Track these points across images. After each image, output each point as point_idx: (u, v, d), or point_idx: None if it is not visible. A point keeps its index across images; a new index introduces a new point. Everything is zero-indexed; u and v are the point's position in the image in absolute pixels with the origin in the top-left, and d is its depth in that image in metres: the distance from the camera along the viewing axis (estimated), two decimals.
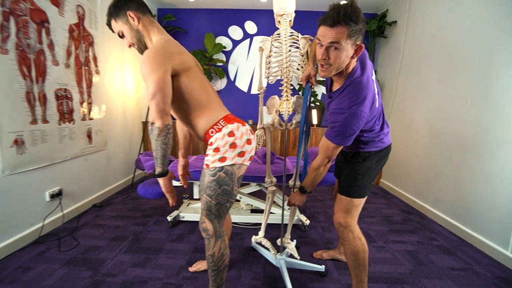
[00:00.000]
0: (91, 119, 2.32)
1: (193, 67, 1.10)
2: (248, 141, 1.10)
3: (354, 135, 1.06)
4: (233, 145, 1.05)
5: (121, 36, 1.11)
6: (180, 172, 1.38)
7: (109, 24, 1.11)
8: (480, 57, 1.90)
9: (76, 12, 2.10)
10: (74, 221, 2.09)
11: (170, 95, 0.97)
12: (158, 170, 1.02)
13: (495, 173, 1.74)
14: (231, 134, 1.06)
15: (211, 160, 1.05)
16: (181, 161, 1.38)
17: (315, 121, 3.30)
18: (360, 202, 1.21)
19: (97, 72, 2.40)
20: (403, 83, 2.90)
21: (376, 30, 3.23)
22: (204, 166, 1.08)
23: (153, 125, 0.96)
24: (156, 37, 1.08)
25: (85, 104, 2.24)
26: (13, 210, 1.66)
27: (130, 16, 1.06)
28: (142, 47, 1.11)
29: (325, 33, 0.96)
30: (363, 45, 1.00)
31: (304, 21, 3.09)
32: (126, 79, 2.94)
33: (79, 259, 1.60)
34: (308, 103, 1.33)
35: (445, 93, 2.23)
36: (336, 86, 1.14)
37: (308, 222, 2.03)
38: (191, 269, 1.52)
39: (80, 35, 2.15)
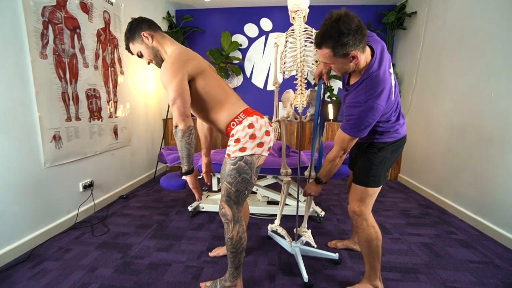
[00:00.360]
0: (116, 116, 2.50)
1: (207, 69, 1.19)
2: (267, 133, 1.17)
3: (369, 127, 1.10)
4: (252, 136, 1.13)
5: (140, 56, 1.23)
6: (204, 169, 1.49)
7: (128, 48, 1.24)
8: (503, 47, 1.83)
9: (103, 18, 2.26)
10: (104, 210, 2.27)
11: (189, 99, 1.07)
12: (184, 168, 1.14)
13: None
14: (250, 126, 1.14)
15: (232, 150, 1.14)
16: (204, 160, 1.48)
17: (331, 115, 3.30)
18: (375, 192, 1.25)
19: (122, 73, 2.57)
20: (423, 75, 2.82)
21: (394, 22, 3.16)
22: (226, 156, 1.17)
23: (176, 128, 1.07)
24: (170, 48, 1.18)
25: (111, 102, 2.41)
26: (53, 198, 1.85)
27: (144, 36, 1.17)
28: (159, 61, 1.22)
29: (319, 53, 1.06)
30: (357, 55, 1.00)
31: (318, 16, 3.10)
32: (148, 79, 3.11)
33: (110, 243, 1.76)
34: (321, 98, 1.37)
35: (467, 85, 2.16)
36: (353, 80, 1.17)
37: (323, 213, 2.07)
38: (211, 254, 1.62)
39: (106, 38, 2.32)
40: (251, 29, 3.60)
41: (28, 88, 1.64)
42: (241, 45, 3.58)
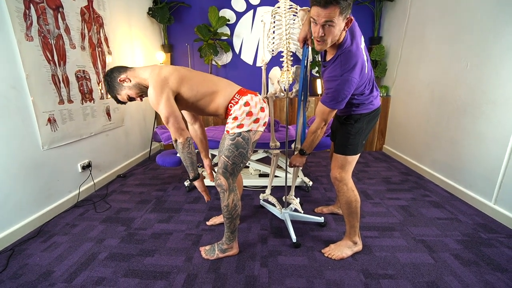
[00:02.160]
0: (108, 98, 2.51)
1: (185, 73, 1.26)
2: (262, 109, 1.28)
3: (346, 99, 1.20)
4: (249, 114, 1.24)
5: (131, 99, 1.28)
6: (207, 171, 1.60)
7: (117, 100, 1.29)
8: (481, 20, 1.91)
9: None
10: (104, 189, 2.38)
11: (179, 114, 1.20)
12: (191, 175, 1.30)
13: (488, 134, 1.84)
14: (246, 104, 1.24)
15: (230, 127, 1.25)
16: (205, 162, 1.60)
17: (319, 90, 3.38)
18: (353, 159, 1.38)
19: (110, 53, 2.54)
20: (408, 48, 2.89)
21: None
22: (225, 132, 1.28)
23: (176, 142, 1.21)
24: (146, 74, 1.23)
25: (101, 84, 2.42)
26: (54, 179, 1.94)
27: (121, 81, 1.23)
28: (146, 91, 1.27)
29: (318, 13, 1.06)
30: (352, 17, 1.09)
31: None
32: (135, 58, 3.07)
33: (113, 218, 1.89)
34: (306, 63, 1.42)
35: (447, 57, 2.26)
36: (329, 56, 1.25)
37: (311, 183, 2.24)
38: (208, 223, 1.78)
39: (91, 17, 2.26)
40: (238, 3, 3.51)
41: (18, 71, 1.65)
42: (229, 21, 3.51)
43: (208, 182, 2.34)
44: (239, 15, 3.55)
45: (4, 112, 1.57)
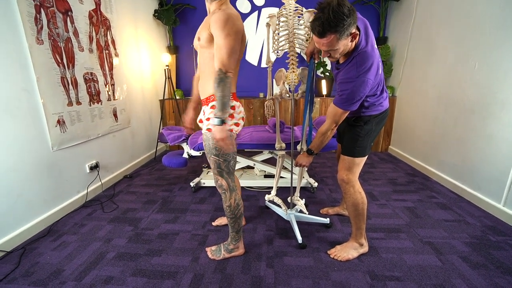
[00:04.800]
0: (115, 99, 2.55)
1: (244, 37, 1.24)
2: (242, 119, 1.31)
3: (360, 100, 1.19)
4: (231, 116, 1.24)
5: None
6: (190, 125, 1.54)
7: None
8: (489, 19, 1.88)
9: None
10: (111, 189, 2.41)
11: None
12: (223, 116, 1.11)
13: (497, 135, 1.82)
14: (233, 108, 1.25)
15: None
16: (192, 114, 1.52)
17: (324, 91, 3.38)
18: (361, 161, 1.37)
19: (116, 55, 2.58)
20: (414, 48, 2.87)
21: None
22: (206, 131, 1.24)
23: (227, 74, 1.10)
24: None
25: (108, 85, 2.45)
26: (63, 180, 1.97)
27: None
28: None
29: (318, 41, 1.08)
30: (357, 32, 1.09)
31: None
32: (142, 60, 3.11)
33: (121, 218, 1.92)
34: (312, 75, 1.45)
35: (454, 57, 2.23)
36: (342, 59, 1.24)
37: (316, 184, 2.24)
38: (214, 223, 1.79)
39: (98, 20, 2.30)
40: (243, 4, 3.52)
41: (29, 74, 1.68)
42: None
43: (211, 182, 2.36)
44: (244, 16, 3.56)
45: (15, 114, 1.61)
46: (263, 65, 3.71)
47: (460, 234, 1.61)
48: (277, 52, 1.59)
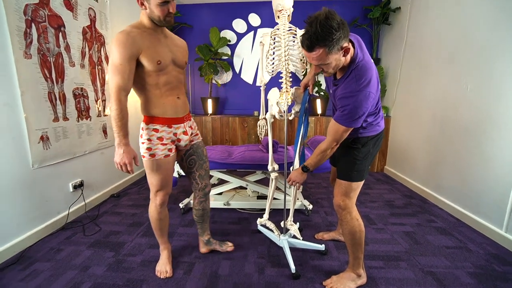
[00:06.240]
0: (105, 115, 2.48)
1: None
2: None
3: (363, 116, 1.12)
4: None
5: None
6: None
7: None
8: (480, 42, 1.91)
9: (88, 15, 2.22)
10: (95, 210, 2.28)
11: None
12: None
13: (494, 157, 1.79)
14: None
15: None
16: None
17: (319, 110, 3.37)
18: (358, 185, 1.30)
19: None
20: (407, 70, 2.91)
21: (380, 17, 3.22)
22: (201, 139, 1.49)
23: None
24: None
25: (99, 101, 2.40)
26: (43, 200, 1.85)
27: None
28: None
29: (308, 56, 1.05)
30: (350, 46, 1.06)
31: (302, 12, 3.19)
32: None
33: (102, 242, 1.78)
34: (306, 106, 1.43)
35: (447, 79, 2.25)
36: (339, 74, 1.19)
37: (311, 206, 2.15)
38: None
39: (92, 36, 2.28)
40: (239, 24, 3.59)
41: (13, 89, 1.62)
42: (229, 41, 3.58)
43: None
44: (240, 36, 3.62)
45: None
46: (258, 83, 3.72)
47: (463, 263, 1.52)
48: (271, 71, 1.57)
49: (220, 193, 2.39)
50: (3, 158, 1.57)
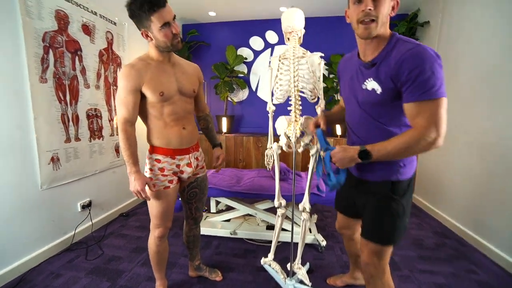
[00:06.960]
0: (118, 134, 2.49)
1: None
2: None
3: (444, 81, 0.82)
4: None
5: None
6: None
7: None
8: None
9: (106, 38, 2.29)
10: (102, 230, 2.25)
11: None
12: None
13: None
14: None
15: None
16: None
17: (339, 131, 3.16)
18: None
19: None
20: None
21: (406, 32, 2.98)
22: (206, 172, 1.45)
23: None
24: None
25: (113, 122, 2.42)
26: (49, 220, 1.85)
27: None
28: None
29: None
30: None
31: (315, 29, 3.25)
32: None
33: (101, 269, 1.72)
34: (325, 147, 1.08)
35: (486, 101, 1.96)
36: (372, 51, 0.93)
37: (324, 242, 1.93)
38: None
39: (109, 58, 2.34)
40: (256, 42, 3.54)
41: (26, 112, 1.65)
42: (246, 59, 3.53)
43: (208, 230, 2.13)
44: (256, 53, 3.57)
45: (6, 152, 1.55)
46: (275, 101, 3.60)
47: None
48: (281, 97, 1.44)
49: (228, 220, 2.26)
50: (11, 179, 1.59)
